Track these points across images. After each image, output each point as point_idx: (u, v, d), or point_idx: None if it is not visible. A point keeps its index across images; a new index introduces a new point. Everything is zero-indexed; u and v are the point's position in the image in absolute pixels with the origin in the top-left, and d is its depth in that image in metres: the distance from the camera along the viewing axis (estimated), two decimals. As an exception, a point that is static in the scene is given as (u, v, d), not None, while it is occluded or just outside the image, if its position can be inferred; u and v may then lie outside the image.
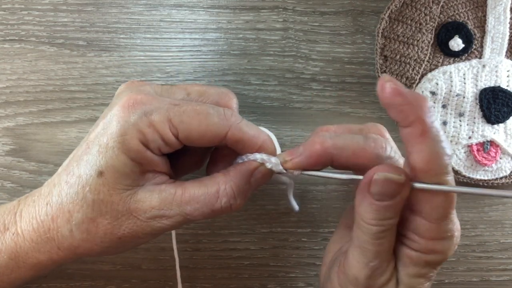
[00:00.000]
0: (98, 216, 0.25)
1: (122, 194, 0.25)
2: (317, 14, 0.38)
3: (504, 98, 0.37)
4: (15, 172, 0.38)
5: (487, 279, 0.39)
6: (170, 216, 0.26)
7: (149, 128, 0.25)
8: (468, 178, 0.38)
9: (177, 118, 0.25)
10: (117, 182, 0.25)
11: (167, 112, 0.25)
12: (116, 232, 0.26)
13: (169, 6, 0.38)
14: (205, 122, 0.26)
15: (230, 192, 0.27)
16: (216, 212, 0.27)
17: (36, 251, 0.26)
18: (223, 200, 0.26)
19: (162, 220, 0.26)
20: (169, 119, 0.25)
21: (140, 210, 0.26)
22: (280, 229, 0.38)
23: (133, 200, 0.26)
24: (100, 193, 0.25)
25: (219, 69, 0.38)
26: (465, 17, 0.37)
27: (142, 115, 0.25)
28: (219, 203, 0.26)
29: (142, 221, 0.26)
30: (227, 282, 0.38)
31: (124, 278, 0.38)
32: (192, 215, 0.26)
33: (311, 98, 0.38)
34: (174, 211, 0.26)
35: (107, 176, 0.25)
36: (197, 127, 0.26)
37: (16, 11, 0.38)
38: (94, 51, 0.38)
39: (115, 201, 0.25)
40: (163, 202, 0.26)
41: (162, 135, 0.25)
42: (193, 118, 0.26)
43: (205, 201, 0.26)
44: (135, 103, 0.25)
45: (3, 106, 0.38)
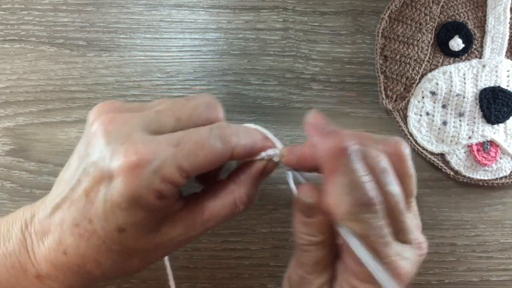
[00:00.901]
0: (128, 259, 0.25)
1: (147, 238, 0.25)
2: (317, 14, 0.38)
3: (504, 98, 0.37)
4: (15, 172, 0.38)
5: (487, 279, 0.39)
6: (195, 236, 0.27)
7: (163, 183, 0.24)
8: (468, 178, 0.38)
9: (185, 161, 0.24)
10: (140, 232, 0.25)
11: (174, 161, 0.24)
12: (148, 261, 0.26)
13: (169, 6, 0.38)
14: (211, 154, 0.25)
15: (246, 199, 0.28)
16: (231, 217, 0.28)
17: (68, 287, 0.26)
18: (241, 208, 0.27)
19: (189, 240, 0.27)
20: (178, 166, 0.24)
21: (167, 242, 0.26)
22: (280, 229, 0.38)
23: (159, 235, 0.26)
24: (125, 244, 0.25)
25: (219, 69, 0.38)
26: (465, 17, 0.37)
27: (153, 174, 0.23)
28: (237, 211, 0.27)
29: (171, 247, 0.26)
30: (227, 282, 0.38)
31: (124, 278, 0.38)
32: (214, 227, 0.27)
33: (311, 98, 0.38)
34: (198, 231, 0.27)
35: (129, 231, 0.24)
36: (205, 161, 0.25)
37: (16, 11, 0.38)
38: (94, 51, 0.38)
39: (141, 246, 0.25)
40: (187, 228, 0.26)
41: (176, 183, 0.24)
42: (198, 156, 0.25)
43: (225, 214, 0.27)
44: (139, 163, 0.23)
45: (3, 106, 0.38)
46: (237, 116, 0.38)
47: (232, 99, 0.38)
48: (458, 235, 0.38)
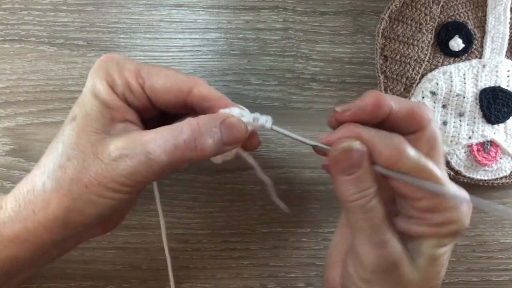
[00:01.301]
0: (66, 161, 0.25)
1: (90, 136, 0.26)
2: (317, 14, 0.38)
3: (504, 98, 0.37)
4: (15, 172, 0.38)
5: (487, 279, 0.39)
6: (133, 156, 0.25)
7: (118, 73, 0.27)
8: (468, 178, 0.38)
9: (145, 70, 0.27)
10: (87, 125, 0.26)
11: (137, 65, 0.27)
12: (82, 177, 0.25)
13: (169, 6, 0.38)
14: (171, 77, 0.27)
15: (195, 127, 0.26)
16: (180, 149, 0.25)
17: (13, 219, 0.26)
18: (187, 133, 0.25)
19: (126, 161, 0.25)
20: (137, 69, 0.27)
21: (105, 152, 0.25)
22: (280, 229, 0.38)
23: (100, 143, 0.26)
24: (70, 137, 0.26)
25: (219, 69, 0.38)
26: (465, 17, 0.37)
27: (114, 63, 0.27)
28: (182, 137, 0.25)
29: (107, 164, 0.25)
30: (227, 282, 0.38)
31: (124, 278, 0.38)
32: (155, 154, 0.25)
33: (311, 98, 0.38)
34: (137, 150, 0.25)
35: (78, 120, 0.26)
36: (163, 79, 0.27)
37: (16, 11, 0.38)
38: (94, 51, 0.38)
39: (82, 143, 0.26)
40: (127, 143, 0.26)
41: (128, 82, 0.27)
42: (160, 72, 0.27)
43: (168, 136, 0.25)
44: (110, 57, 0.28)
45: (3, 106, 0.38)
46: (237, 116, 0.38)
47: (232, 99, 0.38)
48: (458, 235, 0.38)
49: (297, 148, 0.38)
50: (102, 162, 0.25)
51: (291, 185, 0.38)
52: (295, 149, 0.38)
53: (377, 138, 0.25)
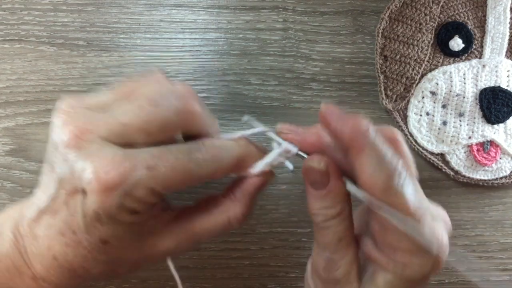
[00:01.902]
0: (116, 267, 0.25)
1: (133, 247, 0.25)
2: (317, 14, 0.38)
3: (504, 98, 0.37)
4: (15, 172, 0.38)
5: (487, 279, 0.39)
6: (186, 249, 0.26)
7: (134, 203, 0.23)
8: (468, 178, 0.38)
9: (158, 186, 0.23)
10: (125, 243, 0.24)
11: (147, 184, 0.22)
12: (138, 268, 0.26)
13: (169, 6, 0.38)
14: (189, 177, 0.24)
15: (241, 217, 0.27)
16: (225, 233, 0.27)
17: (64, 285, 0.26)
18: (235, 226, 0.27)
19: (180, 253, 0.26)
20: (151, 189, 0.23)
21: (155, 253, 0.25)
22: (280, 229, 0.38)
23: (146, 247, 0.25)
24: (111, 254, 0.24)
25: (219, 69, 0.38)
26: (465, 17, 0.37)
27: (124, 196, 0.22)
28: (231, 229, 0.27)
29: (161, 257, 0.26)
30: (227, 282, 0.38)
31: (124, 278, 0.38)
32: (206, 241, 0.27)
33: (311, 98, 0.38)
34: (188, 245, 0.26)
35: (112, 243, 0.24)
36: (181, 184, 0.24)
37: (16, 11, 0.38)
38: (94, 51, 0.38)
39: (129, 256, 0.25)
40: (177, 242, 0.26)
41: (148, 203, 0.23)
42: (174, 180, 0.23)
43: (218, 231, 0.26)
44: (110, 186, 0.22)
45: (3, 106, 0.38)
46: (237, 116, 0.38)
47: (232, 99, 0.38)
48: (458, 235, 0.38)
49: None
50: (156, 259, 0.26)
51: (291, 185, 0.38)
52: (295, 149, 0.38)
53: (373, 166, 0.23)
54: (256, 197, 0.27)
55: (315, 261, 0.26)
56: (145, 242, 0.25)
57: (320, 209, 0.25)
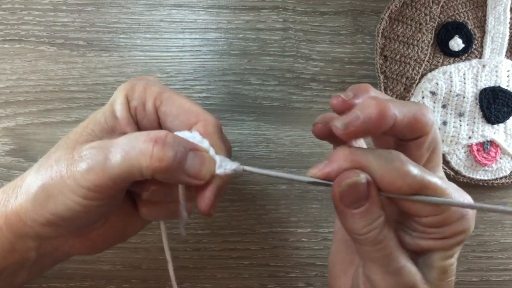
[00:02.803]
0: (52, 152, 0.26)
1: (82, 136, 0.26)
2: (317, 14, 0.38)
3: (504, 98, 0.37)
4: (15, 172, 0.38)
5: (487, 279, 0.39)
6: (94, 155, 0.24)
7: (139, 90, 0.27)
8: (468, 178, 0.38)
9: (167, 94, 0.27)
10: (87, 126, 0.27)
11: (162, 88, 0.28)
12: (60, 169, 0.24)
13: (169, 6, 0.38)
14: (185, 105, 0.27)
15: (162, 134, 0.24)
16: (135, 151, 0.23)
17: None
18: (149, 136, 0.23)
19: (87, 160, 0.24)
20: (160, 92, 0.27)
21: (79, 149, 0.24)
22: (280, 229, 0.38)
23: (83, 143, 0.25)
24: (71, 133, 0.27)
25: (219, 69, 0.38)
26: (465, 17, 0.37)
27: (143, 81, 0.28)
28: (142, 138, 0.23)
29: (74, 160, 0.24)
30: (227, 282, 0.38)
31: (124, 278, 0.38)
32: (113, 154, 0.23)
33: (311, 98, 0.38)
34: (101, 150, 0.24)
35: (85, 120, 0.27)
36: (178, 106, 0.27)
37: (16, 11, 0.38)
38: (94, 51, 0.38)
39: (73, 138, 0.26)
40: (99, 143, 0.25)
41: (145, 100, 0.27)
42: (178, 100, 0.27)
43: (132, 138, 0.24)
44: (143, 76, 0.29)
45: (3, 106, 0.38)
46: (237, 116, 0.38)
47: (232, 99, 0.38)
48: (458, 235, 0.38)
49: (297, 148, 0.38)
50: (72, 158, 0.24)
51: (291, 185, 0.38)
52: (295, 149, 0.38)
53: (376, 164, 0.23)
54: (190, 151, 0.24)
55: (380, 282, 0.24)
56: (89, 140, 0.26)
57: (369, 225, 0.23)
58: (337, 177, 0.23)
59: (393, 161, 0.23)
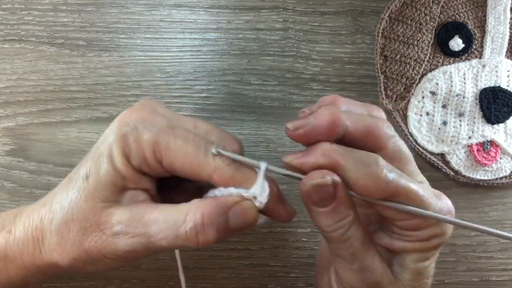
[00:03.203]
0: (70, 220, 0.25)
1: (96, 203, 0.25)
2: (317, 14, 0.38)
3: (504, 98, 0.37)
4: (15, 172, 0.38)
5: (487, 279, 0.39)
6: (133, 235, 0.25)
7: (135, 143, 0.25)
8: (468, 178, 0.38)
9: (164, 143, 0.24)
10: (96, 190, 0.25)
11: (156, 135, 0.25)
12: (83, 242, 0.25)
13: (169, 6, 0.38)
14: (190, 159, 0.24)
15: (199, 219, 0.24)
16: (181, 239, 0.24)
17: (22, 252, 0.26)
18: (189, 225, 0.24)
19: (126, 238, 0.25)
20: (156, 142, 0.24)
21: (107, 223, 0.25)
22: (280, 229, 0.38)
23: (105, 212, 0.25)
24: (79, 197, 0.25)
25: (219, 69, 0.38)
26: (465, 17, 0.37)
27: (134, 129, 0.25)
28: (183, 228, 0.24)
29: (107, 236, 0.25)
30: (227, 282, 0.38)
31: (124, 278, 0.38)
32: (156, 238, 0.24)
33: (311, 98, 0.38)
34: (138, 230, 0.25)
35: (90, 180, 0.25)
36: (181, 161, 0.25)
37: (16, 11, 0.38)
38: (94, 51, 0.38)
39: (87, 208, 0.25)
40: (131, 219, 0.25)
41: (145, 155, 0.25)
42: (179, 149, 0.24)
43: (170, 224, 0.24)
44: (132, 116, 0.25)
45: (3, 106, 0.38)
46: (237, 116, 0.38)
47: (232, 99, 0.38)
48: (458, 235, 0.38)
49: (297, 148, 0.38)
50: (103, 234, 0.25)
51: (291, 185, 0.38)
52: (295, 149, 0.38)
53: (352, 166, 0.23)
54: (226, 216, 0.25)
55: (346, 278, 0.25)
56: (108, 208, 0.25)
57: (335, 223, 0.24)
58: (306, 175, 0.24)
59: (370, 165, 0.23)
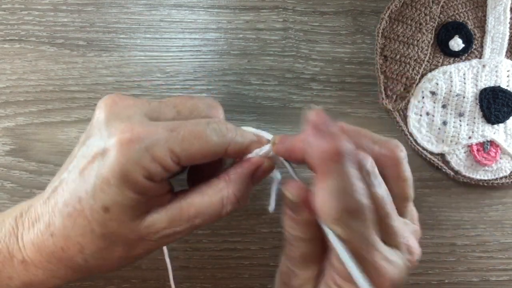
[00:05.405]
0: (110, 246, 0.25)
1: (131, 224, 0.25)
2: (317, 14, 0.38)
3: (504, 98, 0.37)
4: (15, 172, 0.38)
5: (487, 279, 0.39)
6: (181, 232, 0.26)
7: (152, 163, 0.24)
8: (468, 178, 0.38)
9: (178, 147, 0.25)
10: (125, 216, 0.25)
11: (167, 143, 0.24)
12: (131, 254, 0.26)
13: (169, 6, 0.38)
14: (206, 145, 0.26)
15: (234, 199, 0.27)
16: (222, 217, 0.28)
17: (52, 277, 0.26)
18: (228, 208, 0.27)
19: (175, 236, 0.26)
20: (170, 150, 0.25)
21: (151, 234, 0.26)
22: (280, 229, 0.38)
23: (143, 226, 0.25)
24: (109, 227, 0.25)
25: (219, 69, 0.38)
26: (465, 17, 0.37)
27: (144, 151, 0.24)
28: (224, 211, 0.27)
29: (156, 241, 0.26)
30: (227, 282, 0.38)
31: (124, 278, 0.38)
32: (201, 225, 0.27)
33: (311, 98, 0.38)
34: (184, 227, 0.26)
35: (113, 211, 0.24)
36: (198, 151, 0.26)
37: (16, 11, 0.38)
38: (94, 51, 0.38)
39: (123, 232, 0.25)
40: (172, 221, 0.26)
41: (166, 167, 0.25)
42: (193, 144, 0.25)
43: (211, 212, 0.27)
44: (133, 138, 0.24)
45: (3, 106, 0.38)
46: (237, 116, 0.38)
47: (232, 99, 0.38)
48: (458, 235, 0.38)
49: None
50: (151, 241, 0.26)
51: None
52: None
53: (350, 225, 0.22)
54: (250, 181, 0.28)
55: (281, 266, 0.28)
56: (143, 221, 0.25)
57: (291, 228, 0.26)
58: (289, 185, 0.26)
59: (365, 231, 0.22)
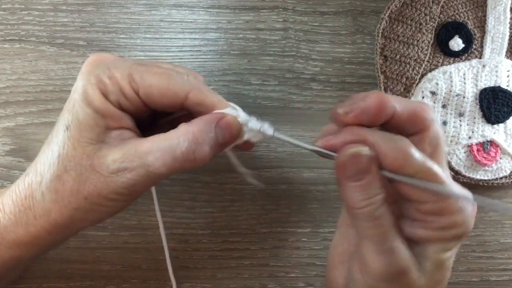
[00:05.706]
0: (63, 173, 0.25)
1: (85, 147, 0.25)
2: (317, 14, 0.38)
3: (504, 98, 0.37)
4: (15, 172, 0.38)
5: (487, 279, 0.39)
6: (132, 169, 0.25)
7: (110, 80, 0.26)
8: (468, 178, 0.38)
9: (138, 74, 0.26)
10: (81, 135, 0.25)
11: (129, 68, 0.26)
12: (81, 189, 0.25)
13: (169, 6, 0.38)
14: (166, 81, 0.26)
15: (192, 137, 0.26)
16: (179, 161, 0.26)
17: (14, 224, 0.26)
18: (185, 145, 0.25)
19: (125, 174, 0.25)
20: (130, 73, 0.26)
21: (103, 165, 0.25)
22: (280, 229, 0.38)
23: (97, 155, 0.25)
24: (65, 147, 0.26)
25: (219, 69, 0.38)
26: (465, 17, 0.37)
27: (105, 68, 0.26)
28: (179, 150, 0.25)
29: (105, 176, 0.25)
30: (227, 282, 0.38)
31: (124, 278, 0.38)
32: (154, 166, 0.25)
33: (311, 98, 0.38)
34: (136, 163, 0.25)
35: (71, 129, 0.26)
36: (158, 84, 0.26)
37: (16, 11, 0.38)
38: (94, 51, 0.38)
39: (78, 154, 0.25)
40: (125, 154, 0.25)
41: (122, 88, 0.26)
42: (154, 76, 0.26)
43: (165, 149, 0.25)
44: (98, 59, 0.27)
45: (3, 106, 0.38)
46: (237, 116, 0.38)
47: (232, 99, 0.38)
48: (458, 235, 0.38)
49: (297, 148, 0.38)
50: (101, 175, 0.25)
51: (291, 185, 0.38)
52: (295, 149, 0.38)
53: (382, 141, 0.24)
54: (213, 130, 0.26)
55: (373, 262, 0.25)
56: (97, 149, 0.26)
57: (368, 199, 0.24)
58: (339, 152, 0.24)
59: (397, 141, 0.24)
